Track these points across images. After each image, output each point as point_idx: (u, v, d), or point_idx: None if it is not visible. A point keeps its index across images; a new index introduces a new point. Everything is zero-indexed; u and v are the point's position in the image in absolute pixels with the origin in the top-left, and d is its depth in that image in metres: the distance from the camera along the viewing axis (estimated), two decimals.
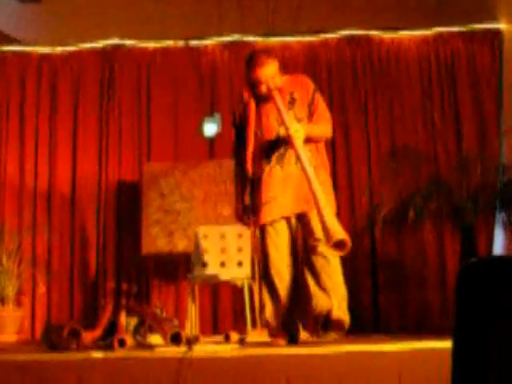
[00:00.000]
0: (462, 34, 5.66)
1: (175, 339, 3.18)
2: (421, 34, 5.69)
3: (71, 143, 5.68)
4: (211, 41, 5.78)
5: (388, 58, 5.69)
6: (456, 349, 1.14)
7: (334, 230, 2.99)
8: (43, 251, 5.46)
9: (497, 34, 5.57)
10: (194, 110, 5.64)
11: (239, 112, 3.54)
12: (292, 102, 3.44)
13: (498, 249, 5.03)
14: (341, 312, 3.32)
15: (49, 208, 5.59)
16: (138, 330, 3.45)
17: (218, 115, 5.30)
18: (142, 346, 3.33)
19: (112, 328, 3.41)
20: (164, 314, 3.71)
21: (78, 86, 5.76)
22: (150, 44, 5.81)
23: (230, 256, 4.63)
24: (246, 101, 3.49)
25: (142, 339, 3.43)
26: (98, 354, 2.76)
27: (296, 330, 3.35)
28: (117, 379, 2.57)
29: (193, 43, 5.80)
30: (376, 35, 5.72)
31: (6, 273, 5.05)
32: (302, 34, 5.71)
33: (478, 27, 5.63)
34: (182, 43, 5.80)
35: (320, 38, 5.74)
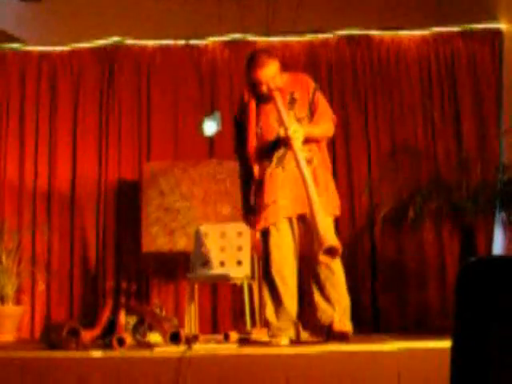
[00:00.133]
0: (461, 33, 5.66)
1: (175, 338, 3.19)
2: (421, 33, 5.69)
3: (71, 142, 5.68)
4: (211, 40, 5.77)
5: (388, 58, 5.68)
6: (455, 348, 1.14)
7: (325, 236, 2.98)
8: (43, 250, 5.46)
9: (497, 33, 5.57)
10: (194, 109, 5.64)
11: (240, 112, 3.54)
12: (292, 102, 3.43)
13: (498, 248, 5.02)
14: (343, 324, 3.29)
15: (48, 207, 5.59)
16: (138, 329, 3.45)
17: (217, 114, 5.29)
18: (142, 345, 3.33)
19: (111, 327, 3.41)
20: (163, 313, 3.71)
21: (78, 85, 5.76)
22: (150, 43, 5.80)
23: (230, 255, 4.63)
24: (247, 101, 3.48)
25: (142, 338, 3.43)
26: (97, 353, 2.76)
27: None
28: (116, 378, 2.57)
29: (193, 42, 5.79)
30: (376, 35, 5.71)
31: (6, 271, 5.05)
32: (301, 33, 5.70)
33: (478, 27, 5.62)
34: (182, 42, 5.80)
35: (320, 37, 5.74)
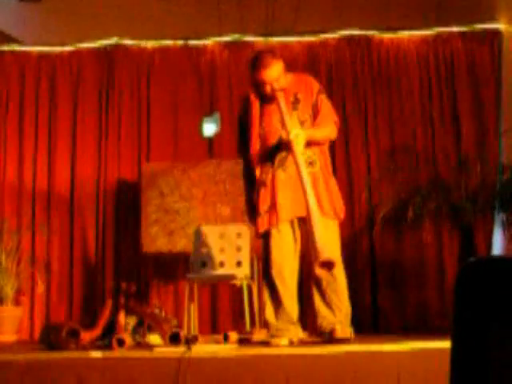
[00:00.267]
0: (461, 34, 5.66)
1: (174, 339, 3.19)
2: (420, 34, 5.69)
3: (70, 143, 5.67)
4: (211, 40, 5.77)
5: (388, 59, 5.68)
6: (455, 349, 1.14)
7: (321, 249, 2.96)
8: (42, 250, 5.46)
9: (496, 34, 5.57)
10: (194, 110, 5.64)
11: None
12: (296, 103, 3.41)
13: (497, 249, 5.02)
14: (344, 332, 3.27)
15: (48, 207, 5.59)
16: (137, 329, 3.45)
17: (217, 115, 5.29)
18: (141, 345, 3.34)
19: (111, 328, 3.41)
20: (163, 313, 3.71)
21: (77, 85, 5.76)
22: (150, 44, 5.80)
23: (229, 255, 4.63)
24: (251, 101, 3.46)
25: (141, 339, 3.43)
26: (96, 354, 2.76)
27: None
28: (116, 379, 2.57)
29: (192, 43, 5.79)
30: (376, 35, 5.71)
31: (5, 272, 5.04)
32: (301, 34, 5.70)
33: (478, 27, 5.62)
34: (181, 43, 5.80)
35: (320, 38, 5.74)
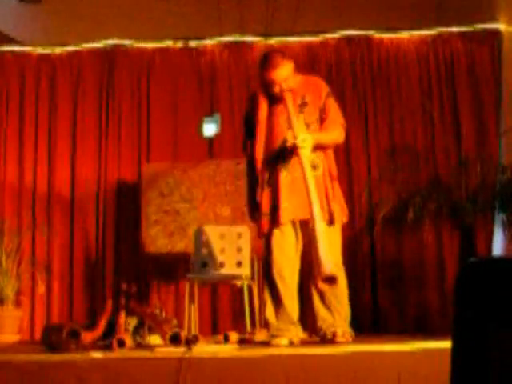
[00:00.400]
0: (461, 34, 5.66)
1: (174, 339, 3.19)
2: (420, 34, 5.68)
3: (70, 143, 5.67)
4: (211, 41, 5.77)
5: (387, 59, 5.68)
6: (455, 349, 1.14)
7: (325, 263, 2.96)
8: (43, 251, 5.46)
9: (496, 34, 5.57)
10: (194, 111, 5.64)
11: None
12: (303, 106, 3.40)
13: (498, 249, 5.02)
14: (345, 338, 3.27)
15: (48, 208, 5.59)
16: (138, 330, 3.45)
17: (217, 115, 5.29)
18: (142, 346, 3.34)
19: (111, 328, 3.40)
20: (163, 314, 3.71)
21: (77, 86, 5.75)
22: (149, 44, 5.79)
23: (230, 256, 4.63)
24: (259, 100, 3.44)
25: (142, 339, 3.43)
26: (97, 355, 2.76)
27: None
28: (116, 380, 2.57)
29: (192, 43, 5.79)
30: (376, 35, 5.71)
31: (6, 273, 5.05)
32: (301, 34, 5.70)
33: (478, 27, 5.62)
34: (181, 43, 5.80)
35: (320, 38, 5.73)
